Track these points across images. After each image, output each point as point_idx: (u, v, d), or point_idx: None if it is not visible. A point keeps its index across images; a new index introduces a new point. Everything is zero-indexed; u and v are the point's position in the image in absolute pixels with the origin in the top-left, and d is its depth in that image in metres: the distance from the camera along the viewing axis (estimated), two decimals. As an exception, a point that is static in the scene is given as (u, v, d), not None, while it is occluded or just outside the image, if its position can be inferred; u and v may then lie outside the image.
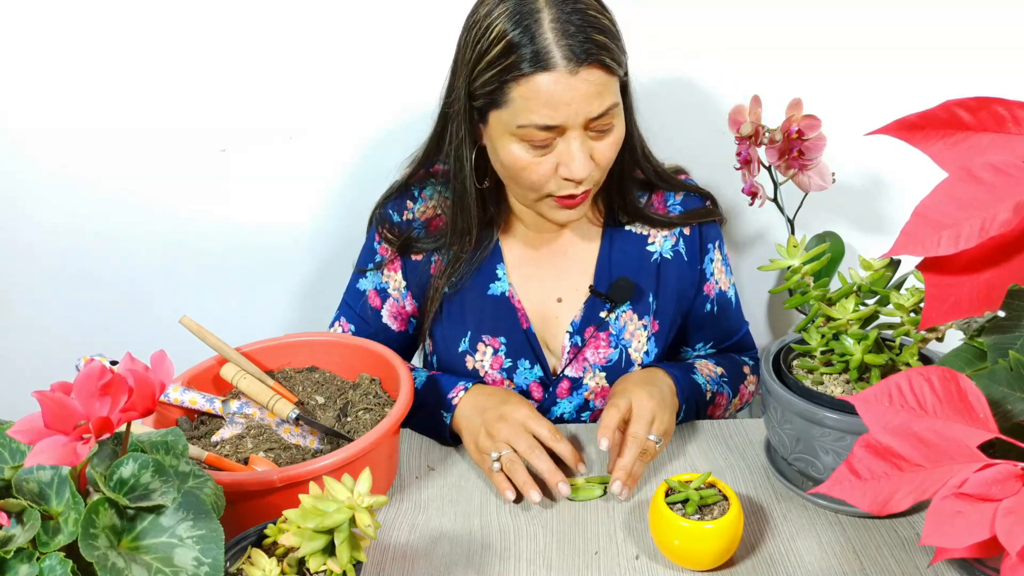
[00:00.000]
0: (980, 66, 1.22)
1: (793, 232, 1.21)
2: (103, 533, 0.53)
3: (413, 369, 1.04)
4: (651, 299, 1.07)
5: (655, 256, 1.07)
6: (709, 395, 1.04)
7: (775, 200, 1.17)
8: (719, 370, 1.09)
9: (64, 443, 0.51)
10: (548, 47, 0.84)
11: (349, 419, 0.92)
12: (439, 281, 1.05)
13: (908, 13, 1.21)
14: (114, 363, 0.80)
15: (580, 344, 1.05)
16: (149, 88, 1.24)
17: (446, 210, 1.04)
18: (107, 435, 0.53)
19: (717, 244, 1.12)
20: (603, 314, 1.05)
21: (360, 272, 1.12)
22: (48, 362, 1.39)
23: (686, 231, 1.09)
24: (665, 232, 1.08)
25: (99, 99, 1.25)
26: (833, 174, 1.12)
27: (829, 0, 1.20)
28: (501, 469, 0.88)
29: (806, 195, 1.16)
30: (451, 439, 0.98)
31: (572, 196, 0.93)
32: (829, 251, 1.19)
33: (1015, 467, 0.49)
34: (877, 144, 1.21)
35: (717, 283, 1.12)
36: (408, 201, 1.09)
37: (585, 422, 1.08)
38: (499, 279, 1.06)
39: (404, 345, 1.15)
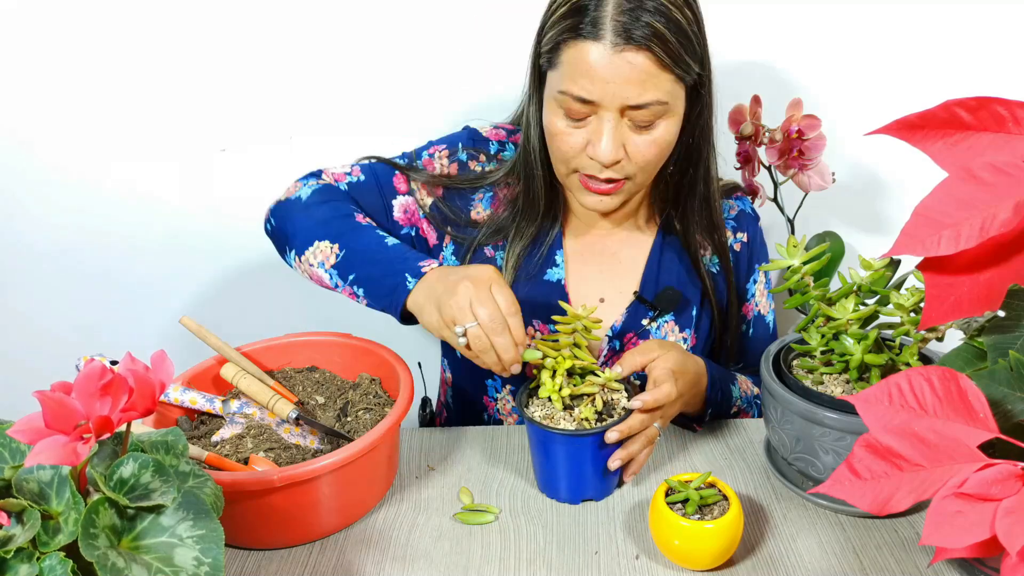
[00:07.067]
0: (980, 66, 1.22)
1: (793, 232, 1.21)
2: (103, 533, 0.53)
3: (372, 227, 0.96)
4: (694, 312, 1.05)
5: (703, 269, 1.04)
6: (735, 410, 1.03)
7: (775, 200, 1.17)
8: (755, 390, 1.07)
9: (64, 443, 0.51)
10: (603, 17, 0.82)
11: (349, 419, 0.92)
12: (508, 263, 1.01)
13: (909, 13, 1.21)
14: (114, 363, 0.80)
15: (617, 348, 1.03)
16: (150, 88, 1.25)
17: (519, 176, 1.00)
18: (107, 435, 0.53)
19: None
20: (645, 322, 1.02)
21: (413, 154, 1.06)
22: (48, 362, 1.39)
23: (736, 247, 1.07)
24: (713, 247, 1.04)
25: (100, 99, 1.25)
26: (833, 174, 1.12)
27: (830, 0, 1.20)
28: (468, 346, 0.82)
29: (806, 195, 1.16)
30: (403, 315, 0.89)
31: (596, 179, 0.91)
32: (829, 251, 1.19)
33: (1015, 467, 0.49)
34: (877, 144, 1.21)
35: (757, 305, 1.10)
36: (482, 155, 1.04)
37: None
38: (557, 265, 1.03)
39: None
